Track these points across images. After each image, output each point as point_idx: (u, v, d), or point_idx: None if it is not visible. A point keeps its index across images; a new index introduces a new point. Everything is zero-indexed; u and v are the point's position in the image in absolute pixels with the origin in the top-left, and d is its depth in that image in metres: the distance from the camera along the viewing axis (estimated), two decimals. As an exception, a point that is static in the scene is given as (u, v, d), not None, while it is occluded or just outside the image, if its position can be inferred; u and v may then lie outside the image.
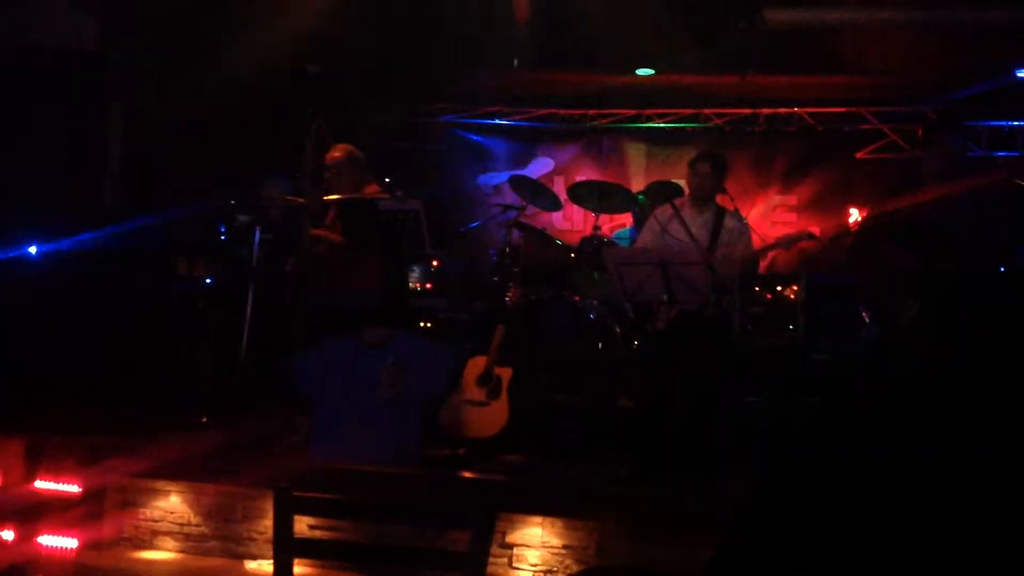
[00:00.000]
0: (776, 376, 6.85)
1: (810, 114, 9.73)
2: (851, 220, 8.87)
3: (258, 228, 6.62)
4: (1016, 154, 9.23)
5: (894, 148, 9.54)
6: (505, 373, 6.27)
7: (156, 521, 5.39)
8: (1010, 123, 9.22)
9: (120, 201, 7.93)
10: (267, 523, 5.04)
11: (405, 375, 5.47)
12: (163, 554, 5.31)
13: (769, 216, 9.73)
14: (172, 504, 5.38)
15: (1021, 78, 8.18)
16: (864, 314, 7.03)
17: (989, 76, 8.35)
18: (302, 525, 3.79)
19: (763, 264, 9.05)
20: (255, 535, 5.22)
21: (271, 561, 2.77)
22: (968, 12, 7.14)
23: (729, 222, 6.04)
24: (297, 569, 2.73)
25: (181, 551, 5.31)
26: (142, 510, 5.42)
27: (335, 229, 6.52)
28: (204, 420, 6.36)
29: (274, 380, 6.42)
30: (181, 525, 5.34)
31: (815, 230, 6.23)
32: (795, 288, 7.74)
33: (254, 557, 5.17)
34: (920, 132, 9.41)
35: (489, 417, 6.15)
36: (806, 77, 9.09)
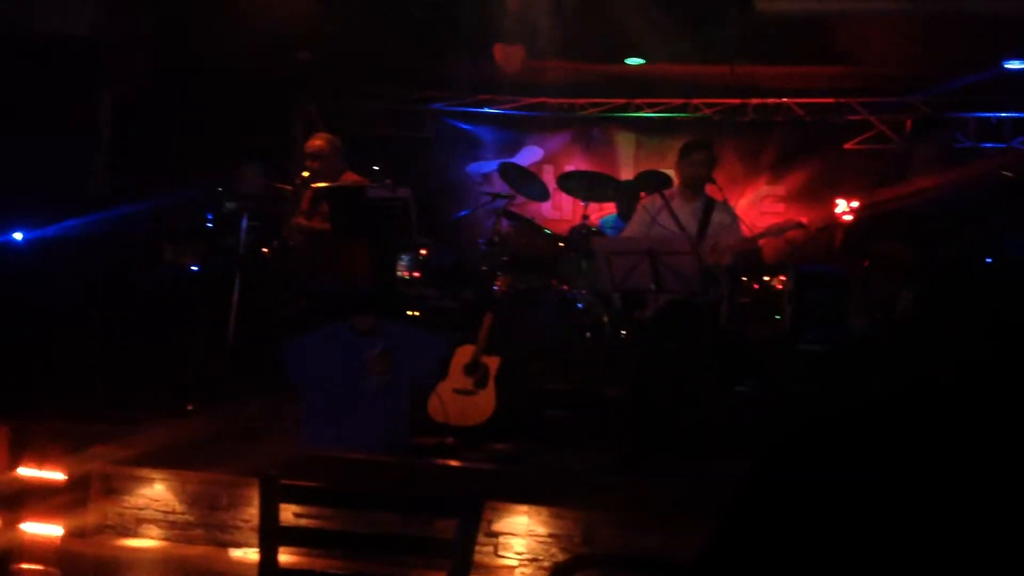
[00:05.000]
0: (764, 365, 6.86)
1: (799, 104, 9.73)
2: (839, 210, 8.89)
3: (245, 215, 6.59)
4: (1003, 145, 9.25)
5: (882, 139, 9.55)
6: (493, 362, 6.27)
7: (141, 509, 5.38)
8: (997, 114, 9.23)
9: (108, 188, 7.88)
10: (252, 511, 5.03)
11: (394, 363, 5.47)
12: (147, 542, 5.29)
13: (758, 206, 9.74)
14: (157, 492, 5.36)
15: (1008, 70, 8.19)
16: (855, 305, 7.04)
17: (977, 68, 8.36)
18: (288, 513, 3.78)
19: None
20: (240, 523, 5.21)
21: (256, 549, 2.76)
22: (956, 3, 7.14)
23: (718, 214, 6.04)
24: (283, 557, 2.72)
25: (166, 539, 5.30)
26: (126, 498, 5.40)
27: (315, 217, 6.51)
28: (190, 408, 6.34)
29: (262, 367, 6.40)
30: (166, 513, 5.32)
31: (803, 220, 6.24)
32: (783, 278, 7.75)
33: (239, 545, 5.16)
34: (909, 124, 9.42)
35: (477, 405, 6.15)
36: (795, 67, 9.08)
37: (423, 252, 8.30)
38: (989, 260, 6.39)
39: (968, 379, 0.76)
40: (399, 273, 8.01)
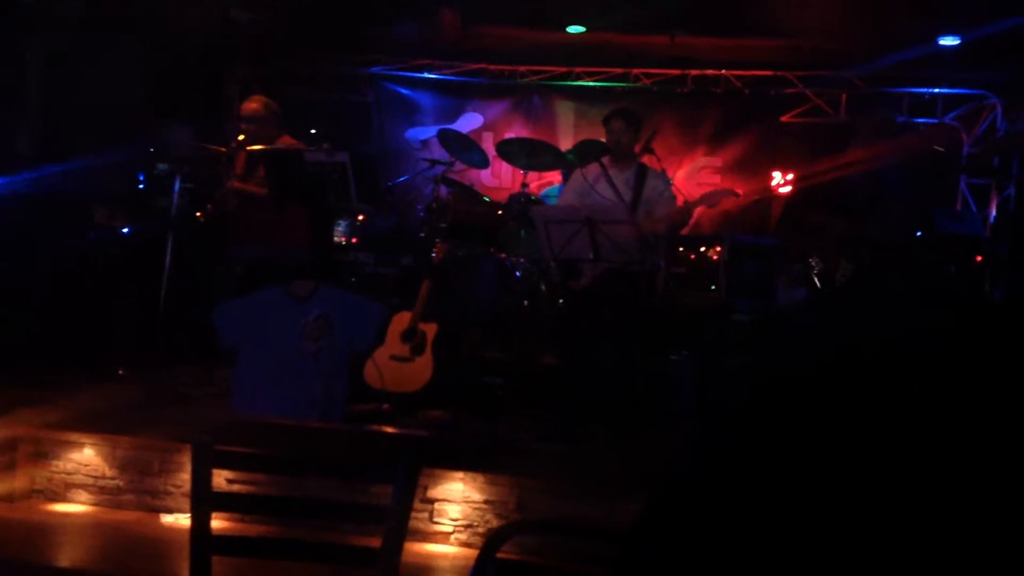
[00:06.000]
0: (699, 335, 6.94)
1: (737, 77, 9.79)
2: (774, 183, 9.01)
3: (178, 177, 6.48)
4: (935, 121, 9.42)
5: (818, 113, 9.67)
6: (430, 329, 6.26)
7: (70, 474, 5.29)
8: (931, 90, 9.39)
9: (36, 147, 7.69)
10: (184, 477, 4.98)
11: (330, 329, 5.43)
12: (77, 507, 5.22)
13: (695, 177, 9.80)
14: (86, 456, 5.28)
15: (943, 46, 8.32)
16: (784, 276, 7.14)
17: (912, 43, 8.48)
18: (220, 479, 3.75)
19: (688, 224, 9.14)
20: (172, 489, 5.16)
21: (188, 515, 2.73)
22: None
23: (652, 180, 6.09)
24: (215, 523, 2.69)
25: (95, 504, 5.22)
26: (55, 462, 5.32)
27: (250, 180, 6.43)
28: (121, 372, 6.25)
29: (194, 332, 6.33)
30: (96, 478, 5.25)
31: (739, 190, 6.30)
32: (718, 249, 7.82)
33: (170, 511, 5.11)
34: (844, 98, 9.55)
35: (413, 372, 6.14)
36: (734, 40, 9.13)
37: (361, 218, 8.23)
38: (919, 234, 6.52)
39: (900, 349, 0.77)
40: (336, 239, 7.94)
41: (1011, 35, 7.28)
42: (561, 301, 6.78)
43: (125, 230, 7.31)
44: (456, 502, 4.88)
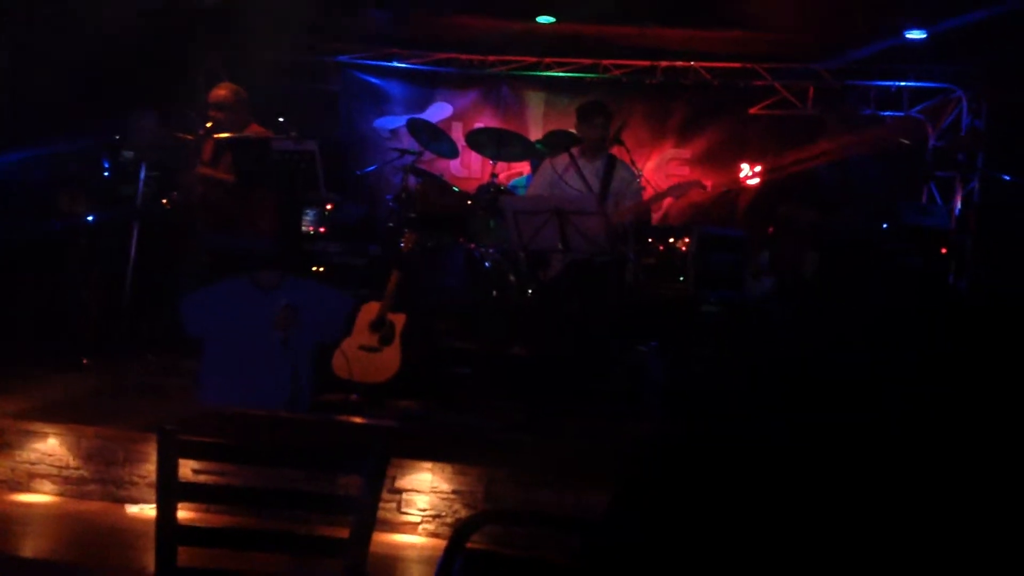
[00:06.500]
0: (667, 326, 6.97)
1: (706, 68, 9.82)
2: (743, 175, 9.05)
3: (144, 165, 6.42)
4: (901, 114, 9.50)
5: (786, 105, 9.71)
6: (399, 319, 6.24)
7: (33, 464, 5.23)
8: (897, 83, 9.46)
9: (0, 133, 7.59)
10: (149, 467, 4.94)
11: (298, 319, 5.41)
12: (41, 497, 5.15)
13: (664, 168, 9.83)
14: (50, 446, 5.21)
15: (909, 40, 8.38)
16: (756, 265, 7.18)
17: (879, 37, 8.54)
18: (186, 470, 3.72)
19: (657, 216, 9.17)
20: (137, 479, 5.11)
21: (153, 506, 2.71)
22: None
23: (621, 171, 6.10)
24: (181, 514, 2.67)
25: (59, 495, 5.16)
26: (19, 452, 5.25)
27: (218, 168, 6.38)
28: (85, 361, 6.19)
29: (160, 321, 6.27)
30: (60, 468, 5.19)
31: (707, 182, 6.34)
32: (687, 240, 7.85)
33: (135, 502, 5.06)
34: (812, 91, 9.60)
35: (381, 363, 6.12)
36: (703, 31, 9.15)
37: (329, 207, 8.19)
38: (885, 226, 6.58)
39: (868, 340, 0.77)
40: (304, 228, 7.90)
41: (977, 29, 7.35)
42: (530, 291, 6.78)
43: (90, 218, 7.23)
44: (424, 492, 4.87)
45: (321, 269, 7.66)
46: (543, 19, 8.96)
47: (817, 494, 0.69)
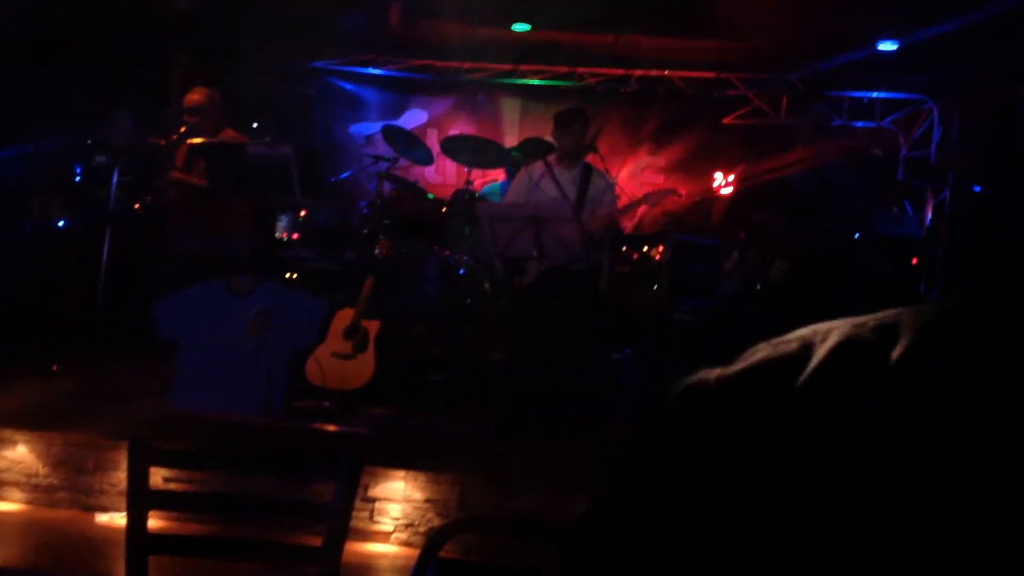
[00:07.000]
0: (641, 334, 6.98)
1: (680, 77, 9.88)
2: (716, 183, 9.09)
3: (116, 169, 6.37)
4: (873, 124, 9.58)
5: (759, 114, 9.78)
6: (373, 326, 6.22)
7: (2, 471, 5.17)
8: (869, 94, 9.55)
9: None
10: (120, 475, 4.90)
11: (272, 325, 5.38)
12: (9, 505, 5.10)
13: (638, 176, 9.87)
14: (19, 454, 5.16)
15: (881, 51, 8.46)
16: (723, 272, 7.22)
17: (852, 47, 8.62)
18: (157, 477, 3.68)
19: (631, 224, 9.20)
20: (107, 487, 5.06)
21: (124, 514, 2.68)
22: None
23: (596, 179, 6.11)
24: (152, 522, 2.64)
25: (28, 503, 5.11)
26: (-13, 459, 5.19)
27: (192, 172, 6.34)
28: (55, 368, 6.13)
29: (132, 327, 6.23)
30: (29, 476, 5.13)
31: (681, 191, 6.36)
32: (661, 248, 7.88)
33: (106, 510, 5.01)
34: (785, 100, 9.67)
35: (355, 369, 6.09)
36: (677, 40, 9.21)
37: (303, 213, 8.15)
38: (858, 236, 6.63)
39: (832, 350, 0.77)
40: (278, 233, 7.86)
41: (948, 40, 7.42)
42: (505, 299, 6.78)
43: (61, 223, 7.17)
44: (397, 501, 4.86)
45: (295, 275, 7.62)
46: (518, 27, 8.98)
47: (796, 495, 0.69)
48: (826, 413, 0.71)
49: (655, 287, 7.52)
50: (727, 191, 8.58)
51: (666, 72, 9.85)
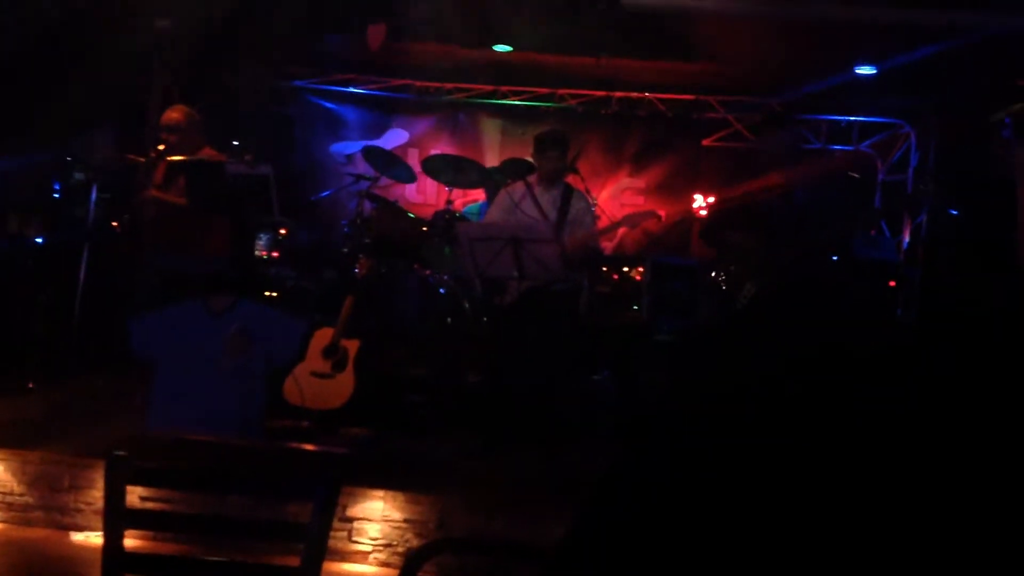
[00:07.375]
0: (621, 355, 7.00)
1: (660, 100, 9.94)
2: (696, 205, 9.16)
3: (95, 186, 6.34)
4: (851, 148, 9.66)
5: (738, 137, 9.85)
6: (352, 345, 6.20)
7: (-24, 490, 5.12)
8: (847, 118, 9.64)
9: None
10: (96, 494, 4.86)
11: (250, 344, 5.35)
12: (-17, 524, 5.05)
13: (619, 198, 9.91)
14: (-6, 472, 5.11)
15: (859, 75, 8.54)
16: (704, 296, 7.26)
17: (831, 72, 8.69)
18: (133, 497, 3.66)
19: (611, 245, 9.24)
20: (83, 506, 5.01)
21: (100, 533, 2.66)
22: (814, 9, 7.40)
23: (577, 201, 6.12)
24: (128, 542, 2.62)
25: (3, 522, 5.05)
26: (-39, 478, 5.14)
27: (170, 191, 6.32)
28: (31, 386, 6.08)
29: (109, 345, 6.19)
30: (3, 494, 5.08)
31: (661, 212, 6.39)
32: (640, 269, 7.92)
33: (81, 529, 4.96)
34: (760, 123, 9.74)
35: (334, 389, 6.07)
36: (658, 63, 9.27)
37: (283, 232, 8.14)
38: (835, 258, 6.67)
39: (798, 368, 0.78)
40: (257, 252, 7.84)
41: (925, 65, 7.51)
42: (485, 319, 6.78)
43: (39, 240, 7.13)
44: (376, 521, 4.83)
45: (274, 294, 7.60)
46: (499, 48, 9.02)
47: (764, 514, 0.69)
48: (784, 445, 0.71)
49: (635, 307, 7.56)
50: (706, 212, 8.65)
51: (647, 94, 9.91)
